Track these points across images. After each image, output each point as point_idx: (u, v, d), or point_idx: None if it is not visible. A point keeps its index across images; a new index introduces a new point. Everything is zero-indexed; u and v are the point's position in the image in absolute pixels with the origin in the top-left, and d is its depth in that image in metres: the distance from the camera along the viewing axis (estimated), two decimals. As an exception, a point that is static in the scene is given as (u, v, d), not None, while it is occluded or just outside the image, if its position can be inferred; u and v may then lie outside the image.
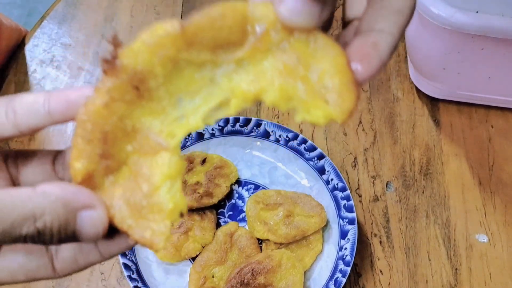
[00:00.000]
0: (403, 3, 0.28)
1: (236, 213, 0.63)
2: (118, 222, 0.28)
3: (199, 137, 0.65)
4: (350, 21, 0.32)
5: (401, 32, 0.28)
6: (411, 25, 0.68)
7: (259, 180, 0.65)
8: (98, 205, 0.27)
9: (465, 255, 0.62)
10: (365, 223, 0.64)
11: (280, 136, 0.64)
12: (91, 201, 0.27)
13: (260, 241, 0.60)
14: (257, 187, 0.64)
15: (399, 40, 0.28)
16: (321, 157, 0.63)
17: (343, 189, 0.60)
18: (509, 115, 0.72)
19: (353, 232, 0.58)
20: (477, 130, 0.70)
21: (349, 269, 0.56)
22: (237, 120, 0.65)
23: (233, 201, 0.63)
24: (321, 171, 0.63)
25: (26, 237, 0.26)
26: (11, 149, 0.33)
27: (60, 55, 0.75)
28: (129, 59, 0.26)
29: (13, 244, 0.26)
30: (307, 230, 0.58)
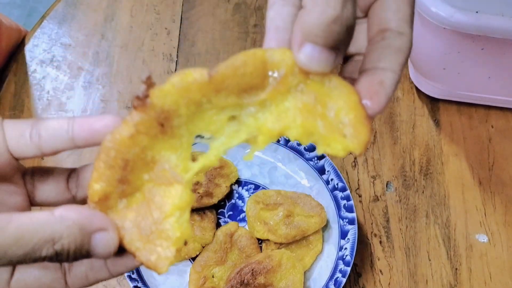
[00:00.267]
0: (402, 43, 0.30)
1: (236, 213, 0.63)
2: (127, 243, 0.30)
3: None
4: (351, 56, 0.34)
5: (402, 68, 0.30)
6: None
7: (259, 180, 0.65)
8: (110, 227, 0.29)
9: (465, 255, 0.62)
10: (365, 223, 0.64)
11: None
12: (104, 224, 0.29)
13: (260, 241, 0.60)
14: (257, 187, 0.64)
15: (400, 76, 0.30)
16: (321, 157, 0.63)
17: (343, 189, 0.60)
18: (509, 115, 0.71)
19: (353, 232, 0.58)
20: (477, 130, 0.70)
21: (349, 269, 0.56)
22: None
23: (233, 201, 0.63)
24: (321, 171, 0.63)
25: (45, 258, 0.28)
26: (29, 167, 0.35)
27: (60, 55, 0.75)
28: (158, 98, 0.29)
29: (32, 263, 0.28)
30: (307, 230, 0.58)
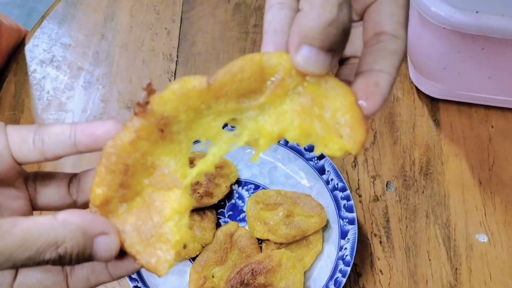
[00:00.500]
0: (397, 46, 0.31)
1: (236, 213, 0.63)
2: (128, 246, 0.31)
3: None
4: (347, 58, 0.35)
5: (397, 71, 0.31)
6: (411, 25, 0.68)
7: (259, 180, 0.65)
8: (112, 231, 0.30)
9: (465, 255, 0.62)
10: (365, 223, 0.64)
11: (280, 136, 0.64)
12: (106, 228, 0.30)
13: (260, 241, 0.60)
14: (257, 187, 0.64)
15: (396, 78, 0.31)
16: (321, 157, 0.63)
17: (343, 189, 0.60)
18: (509, 115, 0.71)
19: (353, 232, 0.58)
20: (477, 130, 0.70)
21: (349, 269, 0.55)
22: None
23: (233, 201, 0.63)
24: (321, 171, 0.63)
25: (48, 261, 0.28)
26: (31, 172, 0.35)
27: (60, 55, 0.75)
28: (158, 105, 0.29)
29: (36, 266, 0.29)
30: (307, 230, 0.58)
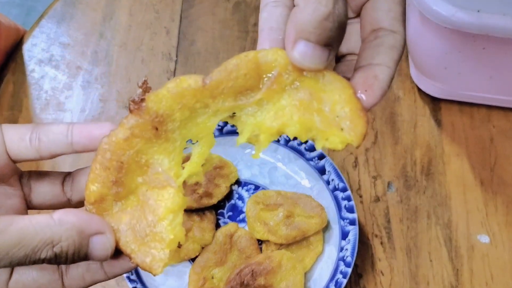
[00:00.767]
0: (395, 40, 0.31)
1: (236, 213, 0.62)
2: (123, 245, 0.31)
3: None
4: (344, 56, 0.35)
5: (396, 65, 0.32)
6: (412, 25, 0.68)
7: (259, 180, 0.64)
8: (108, 230, 0.30)
9: (467, 255, 0.62)
10: (366, 223, 0.63)
11: (280, 136, 0.64)
12: (101, 227, 0.30)
13: (260, 242, 0.60)
14: (257, 187, 0.64)
15: (395, 72, 0.31)
16: (321, 157, 0.62)
17: (344, 189, 0.60)
18: (511, 115, 0.71)
19: (354, 232, 0.57)
20: (479, 130, 0.70)
21: (350, 270, 0.55)
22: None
23: (232, 201, 0.63)
24: (322, 171, 0.62)
25: (44, 260, 0.29)
26: (26, 170, 0.35)
27: (58, 54, 0.75)
28: (153, 103, 0.30)
29: (31, 265, 0.29)
30: (308, 231, 0.58)
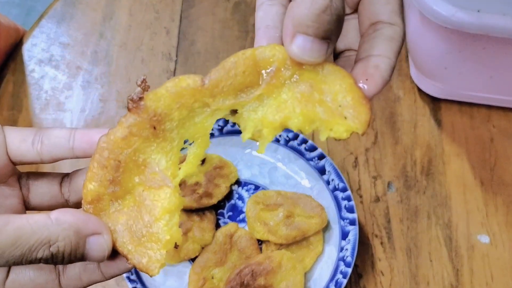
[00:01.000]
0: (394, 31, 0.32)
1: (236, 213, 0.62)
2: (119, 246, 0.31)
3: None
4: (341, 52, 0.36)
5: (397, 56, 0.32)
6: (412, 24, 0.67)
7: (259, 180, 0.64)
8: (105, 231, 0.30)
9: (467, 255, 0.62)
10: (366, 223, 0.63)
11: (280, 136, 0.64)
12: (99, 228, 0.30)
13: (260, 242, 0.60)
14: (257, 187, 0.64)
15: (396, 63, 0.31)
16: (321, 157, 0.62)
17: (344, 189, 0.60)
18: (511, 115, 0.71)
19: (354, 233, 0.57)
20: (479, 130, 0.70)
21: (350, 270, 0.55)
22: (236, 120, 0.64)
23: (232, 201, 0.63)
24: (322, 171, 0.62)
25: (41, 259, 0.29)
26: (24, 172, 0.35)
27: (58, 54, 0.75)
28: (152, 101, 0.30)
29: (28, 264, 0.29)
30: (308, 231, 0.58)
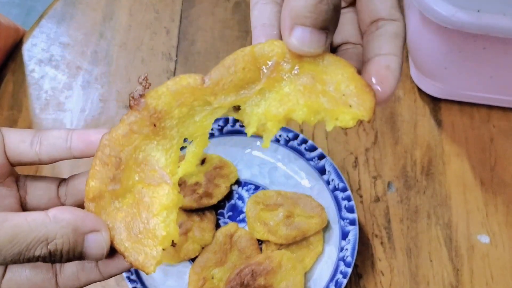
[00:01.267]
0: (397, 28, 0.32)
1: (236, 213, 0.62)
2: (117, 243, 0.31)
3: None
4: (339, 45, 0.36)
5: (402, 52, 0.32)
6: (412, 24, 0.67)
7: (259, 180, 0.64)
8: (103, 228, 0.30)
9: (467, 255, 0.62)
10: (366, 223, 0.63)
11: (280, 136, 0.64)
12: (97, 225, 0.30)
13: (260, 242, 0.60)
14: (257, 187, 0.64)
15: (403, 59, 0.32)
16: (321, 157, 0.62)
17: (344, 189, 0.60)
18: (511, 115, 0.71)
19: (354, 233, 0.57)
20: (479, 130, 0.70)
21: (350, 270, 0.55)
22: (236, 120, 0.64)
23: (232, 201, 0.63)
24: (322, 171, 0.62)
25: (38, 257, 0.28)
26: (22, 174, 0.36)
27: (58, 54, 0.75)
28: (152, 99, 0.31)
29: (25, 263, 0.29)
30: (308, 231, 0.58)
